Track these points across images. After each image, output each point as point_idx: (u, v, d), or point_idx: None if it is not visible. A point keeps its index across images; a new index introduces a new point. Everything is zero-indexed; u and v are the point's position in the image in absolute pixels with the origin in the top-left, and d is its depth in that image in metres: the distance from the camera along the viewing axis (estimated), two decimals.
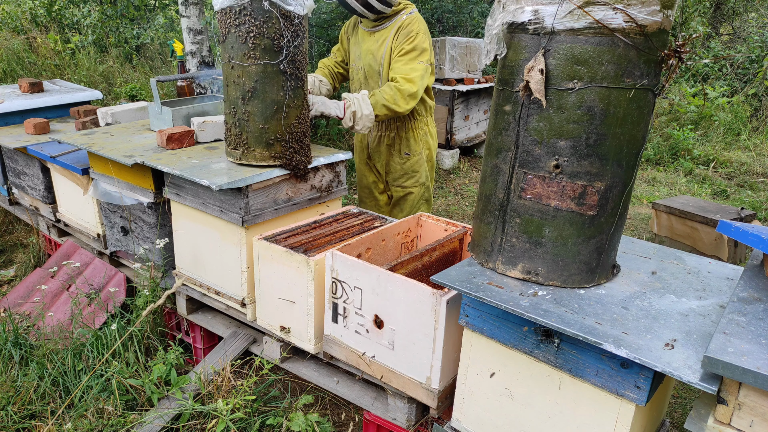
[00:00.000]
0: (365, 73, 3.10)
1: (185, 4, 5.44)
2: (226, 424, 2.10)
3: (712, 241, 4.09)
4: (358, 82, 3.18)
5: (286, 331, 2.22)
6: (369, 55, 3.04)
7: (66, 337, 2.69)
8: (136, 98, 7.13)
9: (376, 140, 3.22)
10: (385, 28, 2.98)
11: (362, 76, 3.13)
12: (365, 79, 3.12)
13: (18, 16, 8.95)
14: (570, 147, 1.41)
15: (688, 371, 1.22)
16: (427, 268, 2.10)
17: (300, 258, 2.05)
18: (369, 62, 3.05)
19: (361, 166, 3.37)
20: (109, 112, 3.28)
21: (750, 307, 1.36)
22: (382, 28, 2.98)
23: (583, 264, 1.52)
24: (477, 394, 1.69)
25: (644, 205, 5.70)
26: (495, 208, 1.57)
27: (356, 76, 3.18)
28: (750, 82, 8.84)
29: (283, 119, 2.31)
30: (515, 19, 1.41)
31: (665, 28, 1.35)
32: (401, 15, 2.95)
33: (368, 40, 3.05)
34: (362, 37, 3.09)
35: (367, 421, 2.14)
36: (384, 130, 3.19)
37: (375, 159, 3.26)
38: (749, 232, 1.49)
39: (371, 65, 3.05)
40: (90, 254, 3.20)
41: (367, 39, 3.06)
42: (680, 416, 2.71)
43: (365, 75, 3.10)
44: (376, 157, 3.25)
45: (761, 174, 6.54)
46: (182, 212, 2.51)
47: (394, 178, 3.24)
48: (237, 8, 2.15)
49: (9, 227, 4.25)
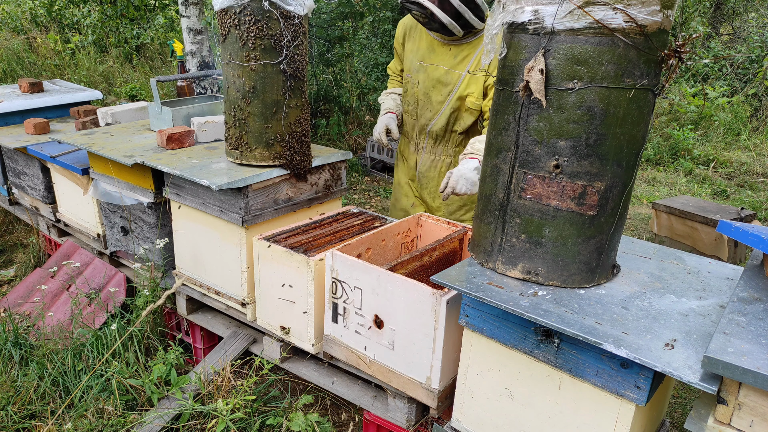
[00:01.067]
0: (426, 90, 2.63)
1: (185, 4, 5.44)
2: (226, 424, 2.10)
3: (712, 241, 4.09)
4: (413, 98, 2.69)
5: (286, 331, 2.22)
6: (440, 71, 2.57)
7: (66, 337, 2.69)
8: (136, 98, 7.13)
9: (428, 163, 2.76)
10: (468, 43, 2.50)
11: (420, 92, 2.66)
12: (425, 97, 2.64)
13: (18, 16, 8.95)
14: (570, 147, 1.41)
15: (688, 371, 1.22)
16: (427, 268, 2.10)
17: (300, 258, 2.05)
18: (438, 78, 2.56)
19: (402, 184, 2.92)
20: (109, 112, 3.28)
21: (750, 307, 1.36)
22: (464, 43, 2.51)
23: (583, 264, 1.52)
24: (477, 394, 1.68)
25: (644, 205, 5.70)
26: (495, 208, 1.57)
27: (411, 90, 2.69)
28: (750, 82, 8.84)
29: (283, 119, 2.31)
30: (515, 19, 1.41)
31: (665, 28, 1.35)
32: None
33: (440, 52, 2.57)
34: (430, 45, 2.60)
35: (367, 421, 2.14)
36: (439, 154, 2.72)
37: (423, 184, 2.79)
38: (749, 232, 1.49)
39: (441, 82, 2.56)
40: (90, 254, 3.20)
41: (438, 50, 2.57)
42: (680, 416, 2.71)
43: (425, 92, 2.63)
44: (425, 183, 2.78)
45: (761, 174, 6.54)
46: (182, 212, 2.51)
47: (450, 211, 2.73)
48: (237, 8, 2.15)
49: (9, 227, 4.25)
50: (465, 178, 2.25)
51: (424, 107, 2.67)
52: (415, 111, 2.72)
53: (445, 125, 2.64)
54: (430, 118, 2.67)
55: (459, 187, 2.25)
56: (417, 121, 2.73)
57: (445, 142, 2.70)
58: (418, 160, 2.81)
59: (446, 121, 2.63)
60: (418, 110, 2.71)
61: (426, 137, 2.73)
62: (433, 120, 2.66)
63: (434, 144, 2.72)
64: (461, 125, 2.63)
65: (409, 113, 2.77)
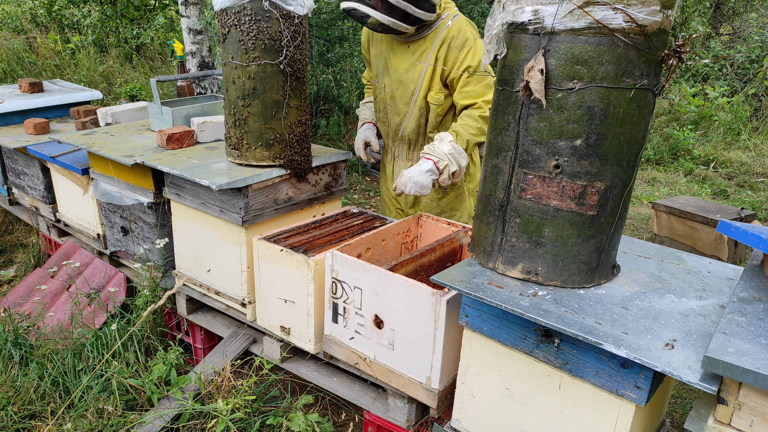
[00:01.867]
0: (391, 93, 2.53)
1: (185, 4, 5.44)
2: (226, 424, 2.10)
3: (712, 241, 4.09)
4: (382, 103, 2.59)
5: (286, 331, 2.22)
6: (400, 71, 2.47)
7: (66, 337, 2.70)
8: (136, 98, 7.13)
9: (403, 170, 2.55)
10: (424, 37, 2.38)
11: (387, 96, 2.55)
12: (391, 100, 2.54)
13: (18, 16, 8.96)
14: (570, 147, 1.41)
15: (688, 371, 1.22)
16: (427, 268, 2.10)
17: (300, 258, 2.05)
18: (399, 79, 2.47)
19: (383, 197, 2.85)
20: (109, 112, 3.28)
21: (750, 307, 1.36)
22: (419, 38, 2.39)
23: (583, 264, 1.52)
24: (477, 394, 1.68)
25: (644, 205, 5.70)
26: (495, 208, 1.57)
27: (380, 96, 2.60)
28: (750, 82, 8.84)
29: (283, 119, 2.31)
30: (515, 19, 1.41)
31: (665, 28, 1.35)
32: (444, 21, 2.36)
33: (399, 52, 2.46)
34: (389, 47, 2.49)
35: (367, 421, 2.14)
36: (415, 160, 2.58)
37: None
38: (749, 232, 1.49)
39: (402, 83, 2.46)
40: (90, 254, 3.20)
41: (397, 50, 2.47)
42: (680, 416, 2.71)
43: (391, 95, 2.53)
44: None
45: (761, 174, 6.54)
46: (182, 212, 2.51)
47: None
48: (237, 8, 2.15)
49: (9, 227, 4.26)
50: (413, 181, 2.20)
51: (392, 111, 2.57)
52: (386, 117, 2.61)
53: (416, 127, 2.52)
54: (399, 122, 2.55)
55: (407, 190, 2.21)
56: (389, 126, 2.62)
57: (420, 146, 2.56)
58: (395, 169, 2.70)
59: (417, 123, 2.50)
60: (388, 115, 2.59)
61: (400, 143, 2.62)
62: (403, 123, 2.54)
63: (409, 150, 2.61)
64: (431, 125, 2.50)
65: (381, 120, 2.66)
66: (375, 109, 2.68)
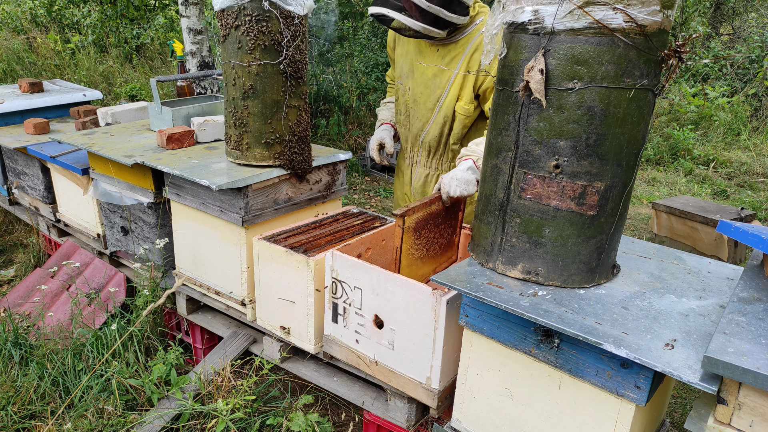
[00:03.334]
0: (415, 97, 2.43)
1: (185, 4, 5.44)
2: (226, 424, 2.10)
3: (712, 241, 4.09)
4: (404, 105, 2.49)
5: (286, 331, 2.22)
6: (426, 75, 2.36)
7: (66, 337, 2.70)
8: (136, 98, 7.13)
9: (422, 179, 2.56)
10: (455, 42, 2.28)
11: (410, 99, 2.45)
12: (414, 104, 2.44)
13: (18, 16, 8.96)
14: (570, 147, 1.41)
15: (688, 371, 1.22)
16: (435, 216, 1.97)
17: (300, 258, 2.05)
18: (425, 83, 2.36)
19: (398, 200, 2.76)
20: (109, 112, 3.28)
21: (750, 307, 1.36)
22: (450, 42, 2.29)
23: (583, 264, 1.52)
24: (477, 394, 1.69)
25: (644, 205, 5.70)
26: (495, 208, 1.57)
27: (402, 98, 2.49)
28: (750, 82, 8.84)
29: (283, 119, 2.31)
30: (515, 19, 1.41)
31: (665, 28, 1.35)
32: (478, 27, 2.24)
33: (427, 55, 2.35)
34: (416, 49, 2.39)
35: (367, 421, 2.14)
36: (434, 168, 2.53)
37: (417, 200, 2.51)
38: (749, 232, 1.49)
39: (428, 87, 2.36)
40: (90, 254, 3.20)
41: (425, 52, 2.36)
42: (680, 416, 2.71)
43: (414, 99, 2.43)
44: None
45: (761, 174, 6.54)
46: (182, 212, 2.51)
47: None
48: (237, 8, 2.15)
49: (9, 227, 4.26)
50: (456, 179, 2.02)
51: (414, 115, 2.46)
52: (407, 120, 2.52)
53: (438, 135, 2.42)
54: (420, 127, 2.46)
55: (452, 190, 2.00)
56: (409, 131, 2.53)
57: (440, 155, 2.48)
58: (412, 175, 2.61)
59: (439, 131, 2.41)
60: (409, 119, 2.50)
61: (420, 149, 2.53)
62: (424, 129, 2.45)
63: (428, 157, 2.51)
64: (456, 135, 2.40)
65: (401, 123, 2.57)
66: (396, 111, 2.59)
